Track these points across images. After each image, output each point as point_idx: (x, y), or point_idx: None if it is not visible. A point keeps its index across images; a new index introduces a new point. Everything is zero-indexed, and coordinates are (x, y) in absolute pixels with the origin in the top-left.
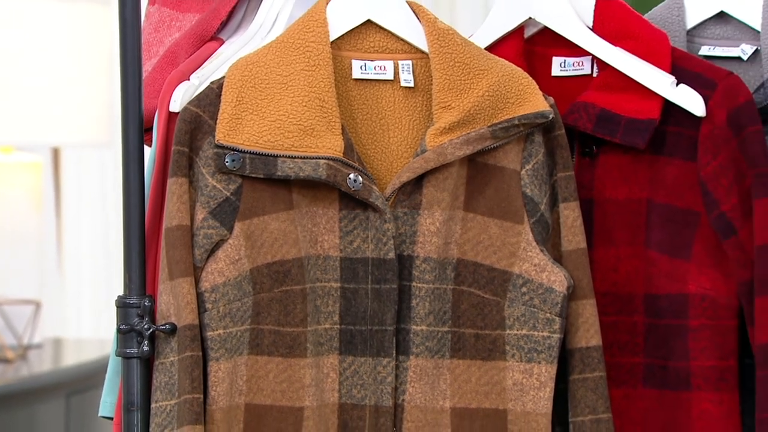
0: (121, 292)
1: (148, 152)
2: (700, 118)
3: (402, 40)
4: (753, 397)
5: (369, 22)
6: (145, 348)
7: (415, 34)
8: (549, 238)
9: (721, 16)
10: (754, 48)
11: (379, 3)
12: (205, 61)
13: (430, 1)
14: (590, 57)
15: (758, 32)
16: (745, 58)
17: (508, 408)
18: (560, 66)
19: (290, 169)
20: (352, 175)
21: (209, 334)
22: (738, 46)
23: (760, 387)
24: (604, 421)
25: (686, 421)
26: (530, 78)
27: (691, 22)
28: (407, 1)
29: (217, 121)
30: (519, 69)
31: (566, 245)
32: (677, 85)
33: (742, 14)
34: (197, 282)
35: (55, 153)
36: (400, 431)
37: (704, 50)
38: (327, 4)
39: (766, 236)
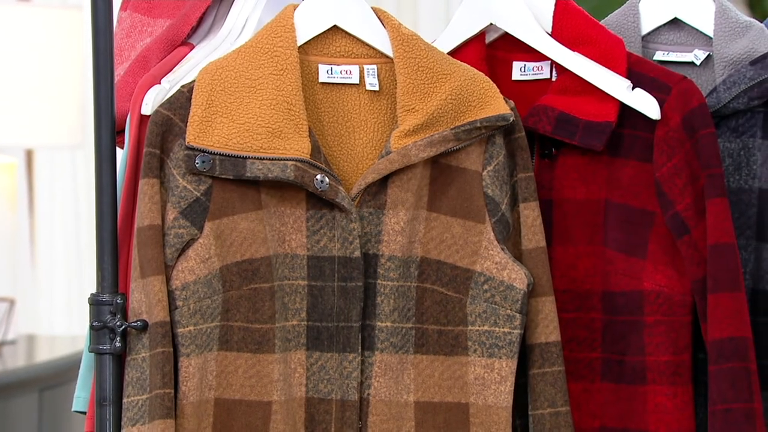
0: (93, 290)
1: (120, 154)
2: (655, 121)
3: (367, 45)
4: (706, 391)
5: (335, 27)
6: (118, 344)
7: (380, 40)
8: (510, 237)
9: (675, 23)
10: (707, 53)
11: (345, 9)
12: (175, 65)
13: (394, 7)
14: (549, 62)
15: (711, 38)
16: (698, 63)
17: (470, 402)
18: (520, 70)
19: (259, 170)
20: (318, 176)
21: (180, 330)
22: (691, 52)
23: (712, 381)
24: (563, 414)
25: (642, 413)
26: (491, 82)
27: (645, 28)
28: (372, 8)
29: (188, 124)
30: (480, 73)
31: (526, 244)
32: (633, 89)
33: (695, 21)
34: (168, 280)
35: (29, 154)
36: (365, 425)
37: (659, 55)
38: (295, 9)
39: (718, 235)
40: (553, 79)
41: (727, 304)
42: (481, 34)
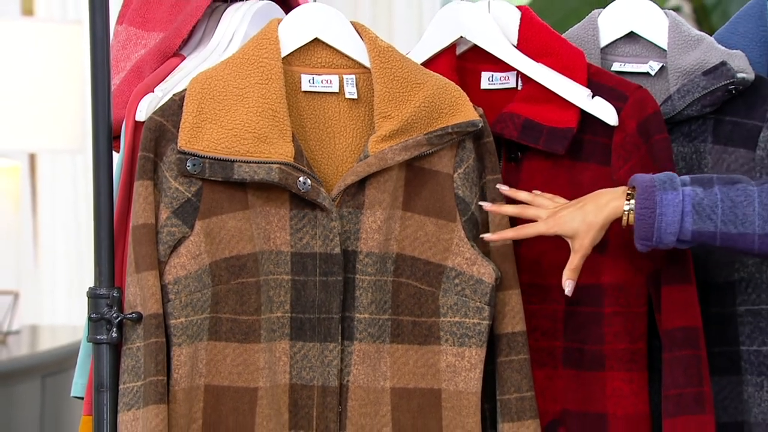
0: (92, 284)
1: (117, 158)
2: (613, 127)
3: (346, 56)
4: (660, 376)
5: (317, 40)
6: (114, 335)
7: (358, 51)
8: (479, 234)
9: (631, 36)
10: (661, 64)
11: (325, 23)
12: (168, 75)
13: (370, 21)
14: (515, 72)
15: (665, 50)
16: (652, 73)
17: (442, 387)
18: (488, 80)
19: (246, 172)
20: (301, 178)
21: (172, 322)
22: (646, 63)
23: (666, 367)
24: (528, 399)
25: (601, 397)
26: (462, 91)
27: (604, 41)
28: (351, 21)
29: (180, 130)
30: (451, 82)
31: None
32: (593, 97)
33: (650, 34)
34: (161, 275)
35: (32, 158)
36: (345, 409)
37: (616, 66)
38: (279, 23)
39: None
40: (519, 88)
41: (679, 296)
42: (452, 46)
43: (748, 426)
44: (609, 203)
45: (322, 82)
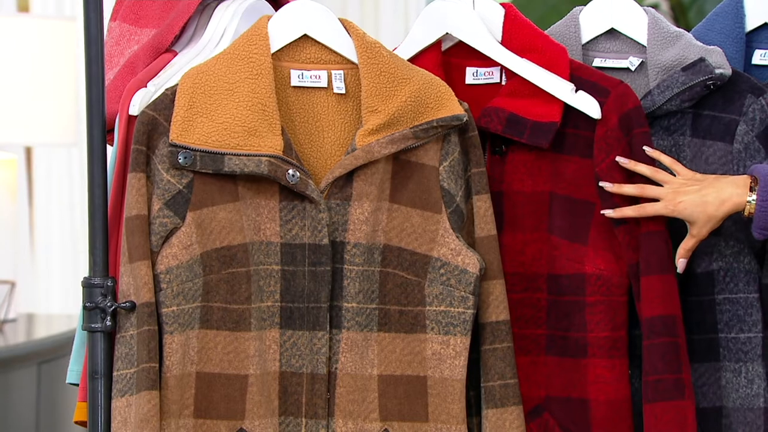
0: (86, 274)
1: (111, 151)
2: (595, 121)
3: (335, 52)
4: (640, 363)
5: (306, 36)
6: (108, 323)
7: (346, 47)
8: (464, 226)
9: (612, 33)
10: (641, 60)
11: (314, 19)
12: (160, 70)
13: (357, 18)
14: (499, 67)
15: (644, 46)
16: (632, 69)
17: (428, 375)
18: (473, 75)
19: (236, 165)
20: (290, 171)
21: (164, 310)
22: (626, 59)
23: (645, 354)
24: (512, 386)
25: (583, 383)
26: (447, 86)
27: (585, 37)
28: (339, 18)
29: (171, 123)
30: (437, 78)
31: (479, 232)
32: (576, 92)
33: (630, 31)
34: (154, 265)
35: (28, 151)
36: (333, 396)
37: (597, 62)
38: (268, 20)
39: (650, 224)
40: (503, 83)
41: (657, 285)
42: (437, 43)
43: (726, 411)
44: (731, 198)
45: (310, 77)
